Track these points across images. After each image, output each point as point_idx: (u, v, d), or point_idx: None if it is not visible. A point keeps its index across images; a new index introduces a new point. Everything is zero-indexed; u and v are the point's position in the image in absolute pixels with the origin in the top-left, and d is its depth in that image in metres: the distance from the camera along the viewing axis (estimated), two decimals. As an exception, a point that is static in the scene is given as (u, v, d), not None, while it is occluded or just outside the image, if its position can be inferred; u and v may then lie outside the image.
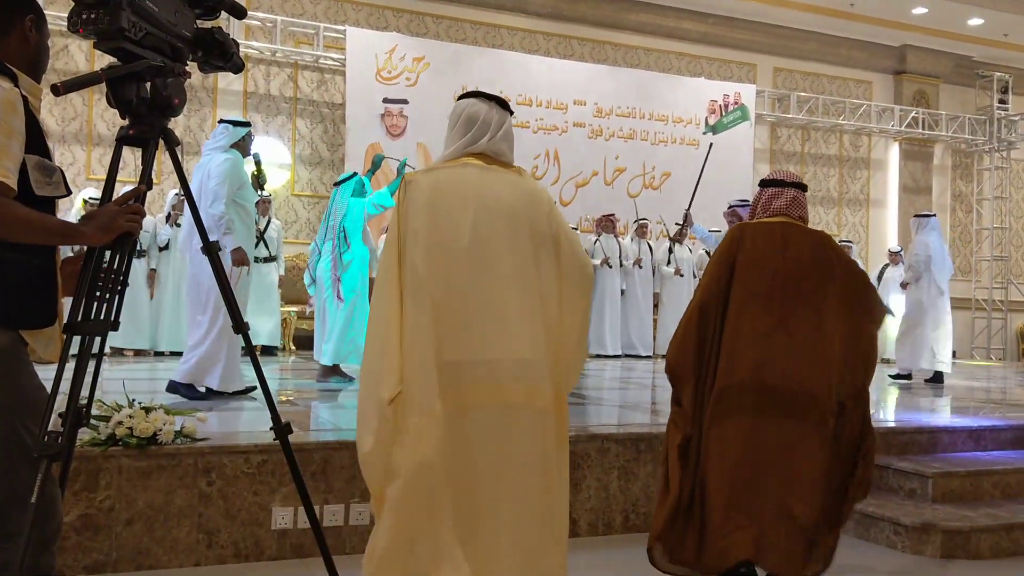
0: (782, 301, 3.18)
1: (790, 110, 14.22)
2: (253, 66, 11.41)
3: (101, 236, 2.12)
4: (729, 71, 14.28)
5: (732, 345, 3.17)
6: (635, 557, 3.88)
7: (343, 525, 3.72)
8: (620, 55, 13.54)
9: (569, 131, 12.67)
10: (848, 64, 15.05)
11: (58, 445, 2.03)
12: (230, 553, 3.57)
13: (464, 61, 12.09)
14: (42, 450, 2.00)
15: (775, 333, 3.15)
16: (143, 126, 2.31)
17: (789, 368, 3.12)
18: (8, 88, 2.06)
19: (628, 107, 13.01)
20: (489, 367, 2.33)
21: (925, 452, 4.87)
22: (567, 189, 12.53)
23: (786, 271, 3.20)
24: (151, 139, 2.34)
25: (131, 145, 2.35)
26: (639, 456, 4.30)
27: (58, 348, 2.16)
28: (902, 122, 14.83)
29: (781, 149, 14.69)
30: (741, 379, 3.13)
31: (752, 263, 3.22)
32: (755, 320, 3.17)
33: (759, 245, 3.25)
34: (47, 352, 2.15)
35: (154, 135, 2.34)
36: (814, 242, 3.28)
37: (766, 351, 3.14)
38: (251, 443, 3.66)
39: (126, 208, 2.17)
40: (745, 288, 3.20)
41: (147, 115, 2.30)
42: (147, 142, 2.34)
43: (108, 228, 2.12)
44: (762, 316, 3.17)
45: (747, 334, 3.16)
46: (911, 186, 15.34)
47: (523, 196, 2.53)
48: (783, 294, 3.18)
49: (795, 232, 3.29)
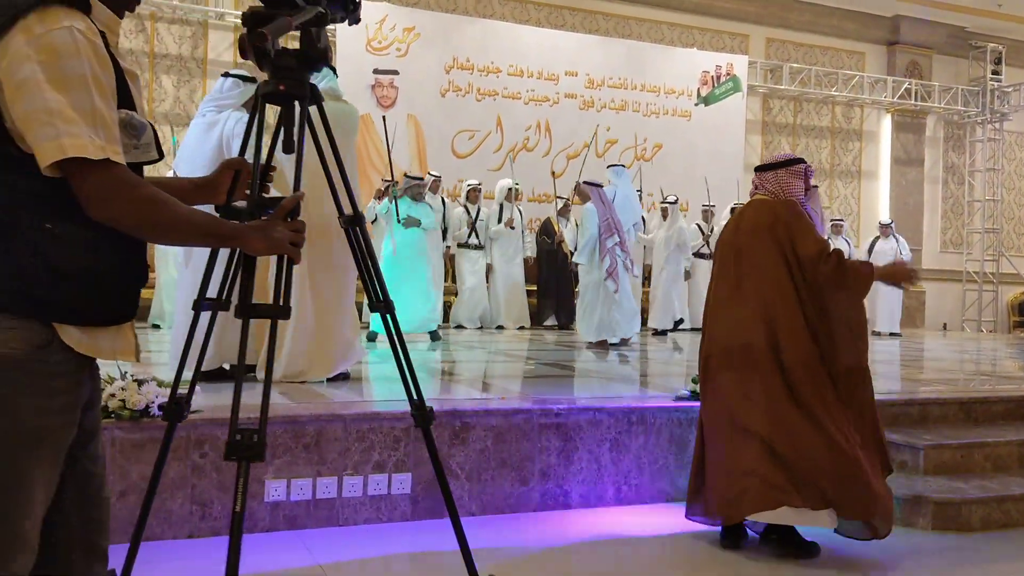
0: (735, 268, 3.67)
1: (782, 81, 14.16)
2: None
3: (265, 250, 1.80)
4: (721, 42, 14.18)
5: (706, 317, 3.85)
6: (627, 529, 3.90)
7: (336, 497, 3.72)
8: (612, 25, 13.43)
9: (560, 102, 12.59)
10: (841, 35, 14.97)
11: (256, 444, 1.90)
12: (223, 525, 3.56)
13: (455, 31, 11.98)
14: (236, 452, 1.89)
15: (730, 300, 3.65)
16: (293, 81, 2.06)
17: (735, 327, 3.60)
18: (84, 27, 1.54)
19: (620, 78, 12.93)
20: None
21: (916, 425, 4.88)
22: (559, 161, 12.47)
23: (736, 243, 3.69)
24: (303, 96, 2.10)
25: (278, 103, 2.11)
26: (630, 428, 4.30)
27: (131, 344, 1.72)
28: (895, 93, 14.78)
29: (773, 121, 14.64)
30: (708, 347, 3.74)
31: (721, 243, 3.84)
32: (717, 291, 3.75)
33: (727, 226, 3.88)
34: (117, 351, 1.67)
35: (305, 92, 2.10)
36: (757, 211, 3.68)
37: (720, 317, 3.69)
38: (243, 417, 3.63)
39: (293, 226, 1.82)
40: (716, 265, 3.82)
41: (296, 69, 2.06)
42: (298, 99, 2.09)
43: (275, 245, 1.79)
44: (721, 286, 3.72)
45: (711, 304, 3.78)
46: (903, 158, 15.33)
47: None
48: (736, 262, 3.67)
49: (750, 207, 3.77)
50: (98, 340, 1.63)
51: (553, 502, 4.13)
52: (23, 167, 1.51)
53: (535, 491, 4.10)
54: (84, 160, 1.49)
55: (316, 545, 3.48)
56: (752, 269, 3.60)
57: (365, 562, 3.39)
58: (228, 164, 2.05)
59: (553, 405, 4.24)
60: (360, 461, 3.77)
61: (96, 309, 1.60)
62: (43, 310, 1.53)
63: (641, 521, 3.99)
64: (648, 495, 4.31)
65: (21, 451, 1.55)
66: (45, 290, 1.52)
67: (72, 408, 1.63)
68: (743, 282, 3.62)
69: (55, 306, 1.54)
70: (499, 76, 12.19)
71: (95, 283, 1.58)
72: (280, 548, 3.46)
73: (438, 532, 3.71)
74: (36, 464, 1.57)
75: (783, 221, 3.56)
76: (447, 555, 3.44)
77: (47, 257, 1.52)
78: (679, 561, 3.55)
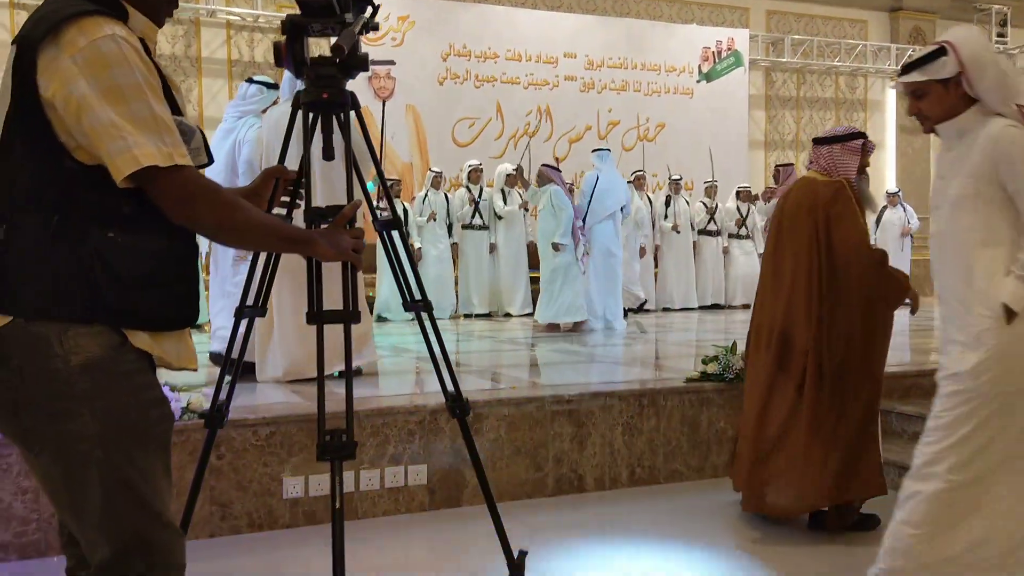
0: (776, 247, 3.64)
1: (784, 54, 14.07)
2: (236, 33, 11.25)
3: (333, 256, 1.82)
4: (721, 16, 14.09)
5: (756, 292, 3.83)
6: (643, 509, 3.93)
7: (354, 491, 3.76)
8: (610, 4, 13.35)
9: (560, 85, 12.54)
10: (842, 3, 14.84)
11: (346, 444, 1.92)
12: (244, 523, 3.62)
13: (450, 18, 11.92)
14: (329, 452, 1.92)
15: (769, 281, 3.64)
16: (335, 89, 2.06)
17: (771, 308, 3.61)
18: (124, 33, 1.55)
19: (619, 58, 12.86)
20: None
21: (928, 396, 4.87)
22: (561, 145, 12.45)
23: (779, 224, 3.64)
24: (345, 104, 2.09)
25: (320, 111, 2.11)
26: (642, 411, 4.33)
27: (192, 351, 1.74)
28: (899, 61, 14.66)
29: (776, 94, 14.56)
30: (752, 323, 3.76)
31: (771, 222, 3.79)
32: (763, 270, 3.75)
33: (777, 204, 3.84)
34: (179, 358, 1.69)
35: (347, 99, 2.10)
36: (801, 191, 3.58)
37: (762, 296, 3.71)
38: (259, 417, 3.68)
39: (354, 233, 1.87)
40: (766, 243, 3.81)
41: (337, 77, 2.06)
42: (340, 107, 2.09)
43: (341, 252, 1.82)
44: (766, 266, 3.71)
45: (760, 281, 3.76)
46: (909, 126, 15.20)
47: None
48: (776, 241, 3.64)
49: (797, 185, 3.65)
50: (164, 345, 1.66)
51: (568, 486, 4.17)
52: (86, 179, 1.54)
53: (549, 477, 4.14)
54: (156, 168, 1.52)
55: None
56: (788, 252, 3.54)
57: (386, 552, 3.44)
58: (269, 173, 2.10)
59: (565, 391, 4.27)
60: (376, 455, 3.81)
61: (160, 314, 1.63)
62: (113, 316, 1.56)
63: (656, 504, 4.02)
64: (663, 476, 4.35)
65: (135, 448, 1.59)
66: (113, 297, 1.55)
67: (161, 402, 1.67)
68: (781, 264, 3.57)
69: (122, 313, 1.57)
70: (497, 61, 12.15)
71: (158, 290, 1.61)
72: (301, 543, 3.51)
73: (456, 520, 3.77)
74: (152, 456, 1.62)
75: (823, 204, 3.42)
76: (466, 541, 3.50)
77: (112, 266, 1.54)
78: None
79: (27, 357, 1.53)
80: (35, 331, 1.53)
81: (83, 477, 1.56)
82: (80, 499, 1.57)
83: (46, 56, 1.52)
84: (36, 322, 1.53)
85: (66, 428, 1.54)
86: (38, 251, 1.52)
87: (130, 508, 1.58)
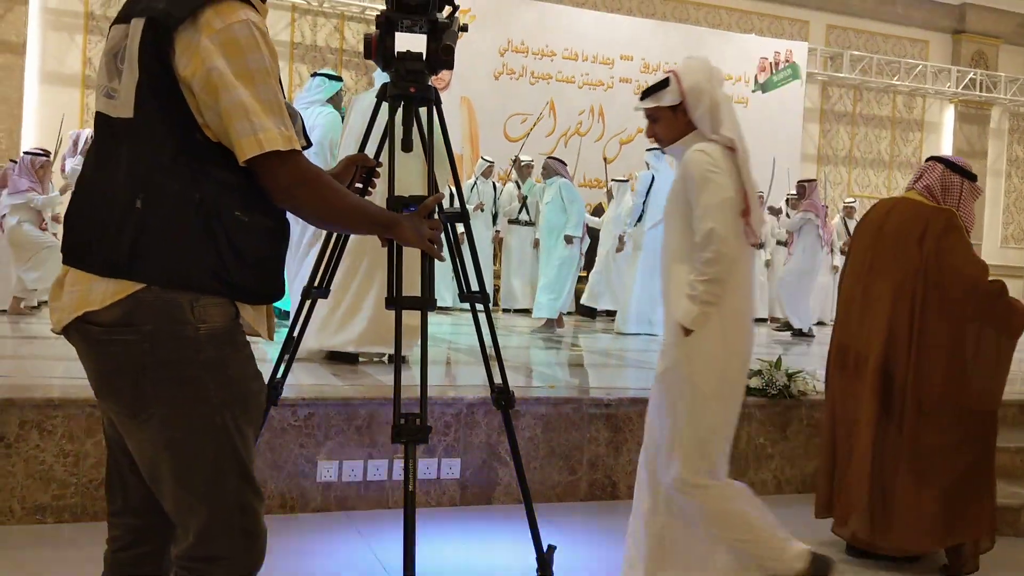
0: (871, 269, 3.40)
1: (842, 69, 13.86)
2: (300, 16, 11.35)
3: (415, 242, 1.91)
4: (780, 28, 13.92)
5: (837, 308, 3.67)
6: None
7: (386, 480, 3.75)
8: (669, 9, 13.25)
9: (615, 87, 12.48)
10: (904, 22, 14.59)
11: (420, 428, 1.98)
12: (276, 504, 3.62)
13: (510, 13, 11.91)
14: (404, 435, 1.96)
15: (859, 300, 3.42)
16: (421, 84, 2.11)
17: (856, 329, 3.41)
18: (257, 19, 1.61)
19: (676, 63, 12.66)
20: None
21: None
22: (611, 145, 12.37)
23: (877, 245, 3.41)
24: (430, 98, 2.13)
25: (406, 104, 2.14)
26: (682, 421, 4.26)
27: (271, 323, 1.79)
28: (959, 84, 14.38)
29: (832, 109, 14.35)
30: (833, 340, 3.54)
31: (859, 236, 3.54)
32: (849, 287, 3.51)
33: (867, 217, 3.56)
34: (262, 326, 1.74)
35: (431, 94, 2.14)
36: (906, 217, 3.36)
37: (847, 315, 3.49)
38: (298, 396, 3.68)
39: (433, 224, 1.96)
40: (852, 258, 3.57)
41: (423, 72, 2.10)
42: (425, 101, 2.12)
43: (421, 240, 1.91)
44: (854, 284, 3.47)
45: (841, 297, 3.60)
46: (966, 150, 14.92)
47: None
48: (872, 264, 3.40)
49: (900, 206, 3.43)
50: (259, 317, 1.73)
51: (601, 492, 4.12)
52: (217, 156, 1.59)
53: (583, 480, 4.10)
54: (278, 152, 1.57)
55: (366, 527, 3.52)
56: (888, 278, 3.33)
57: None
58: (351, 159, 2.17)
59: (603, 395, 4.23)
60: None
61: (264, 289, 1.70)
62: (232, 290, 1.63)
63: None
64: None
65: (242, 415, 1.65)
66: (234, 272, 1.61)
67: (259, 375, 1.73)
68: (874, 288, 3.37)
69: (239, 287, 1.63)
70: (553, 60, 12.12)
71: (267, 267, 1.68)
72: (332, 528, 3.51)
73: (486, 519, 3.74)
74: (250, 424, 1.69)
75: (934, 234, 3.25)
76: (495, 542, 3.47)
77: (235, 243, 1.60)
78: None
79: (161, 322, 1.57)
80: (170, 298, 1.57)
81: (198, 443, 1.60)
82: (187, 465, 1.60)
83: (184, 35, 1.55)
84: (171, 290, 1.57)
85: (190, 393, 1.59)
86: (177, 222, 1.56)
87: (234, 475, 1.63)
